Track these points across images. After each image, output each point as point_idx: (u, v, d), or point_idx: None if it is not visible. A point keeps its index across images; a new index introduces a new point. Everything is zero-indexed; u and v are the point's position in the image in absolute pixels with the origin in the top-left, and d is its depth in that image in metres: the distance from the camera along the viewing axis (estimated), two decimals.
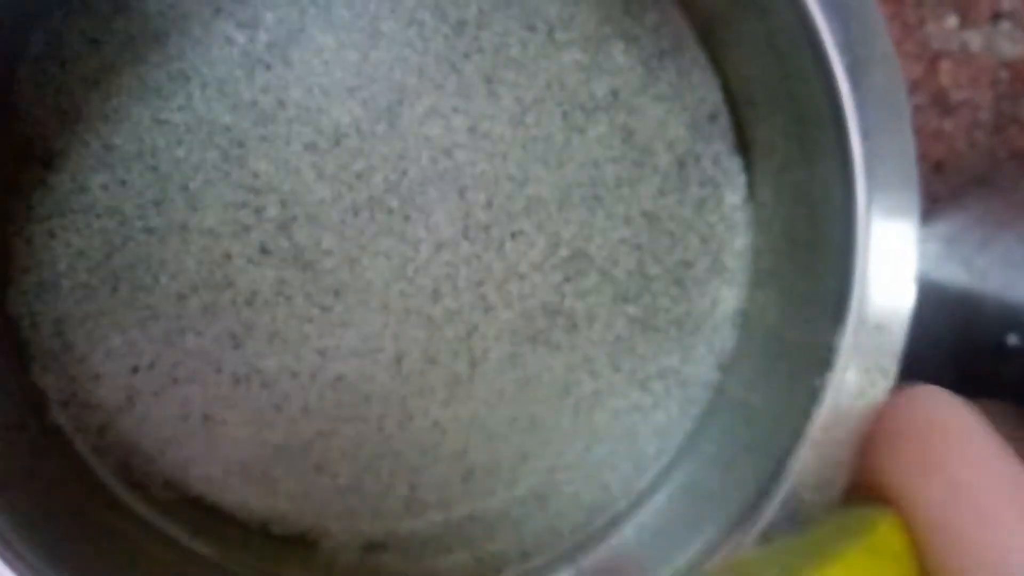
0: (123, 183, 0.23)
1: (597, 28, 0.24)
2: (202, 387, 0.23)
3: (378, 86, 0.24)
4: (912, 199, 0.23)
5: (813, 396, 0.21)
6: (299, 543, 0.24)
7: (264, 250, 0.23)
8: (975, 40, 0.35)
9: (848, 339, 0.21)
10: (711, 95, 0.25)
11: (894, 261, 0.22)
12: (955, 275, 0.35)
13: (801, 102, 0.24)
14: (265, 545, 0.23)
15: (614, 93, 0.25)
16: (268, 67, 0.23)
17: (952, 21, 0.35)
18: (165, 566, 0.22)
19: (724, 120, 0.26)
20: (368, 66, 0.24)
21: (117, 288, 0.23)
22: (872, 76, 0.22)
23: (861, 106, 0.22)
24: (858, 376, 0.21)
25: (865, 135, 0.22)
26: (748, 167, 0.26)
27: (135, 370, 0.23)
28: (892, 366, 0.21)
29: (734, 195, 0.27)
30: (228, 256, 0.23)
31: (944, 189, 0.35)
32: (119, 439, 0.23)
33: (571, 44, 0.24)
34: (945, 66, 0.35)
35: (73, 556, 0.21)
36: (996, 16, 0.34)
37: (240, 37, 0.23)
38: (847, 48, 0.22)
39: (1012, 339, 0.32)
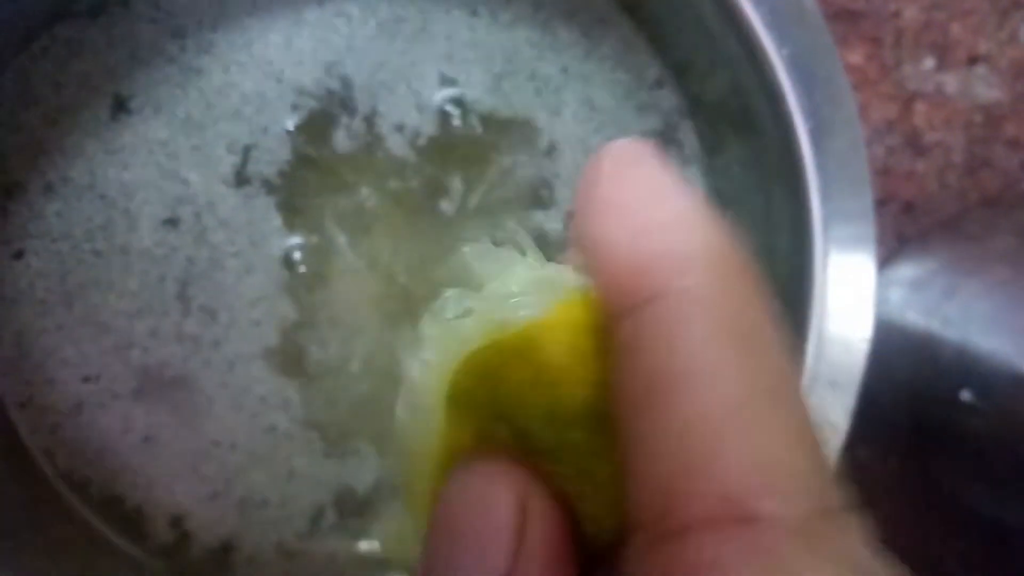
0: (74, 210, 0.24)
1: (535, 11, 0.24)
2: (147, 409, 0.24)
3: (304, 67, 0.23)
4: (869, 262, 0.21)
5: None
6: (217, 549, 0.24)
7: (187, 279, 0.23)
8: (951, 83, 0.32)
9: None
10: (652, 62, 0.24)
11: (849, 320, 0.20)
12: (918, 321, 0.32)
13: (764, 160, 0.23)
14: (185, 548, 0.24)
15: (564, 70, 0.24)
16: (199, 72, 0.23)
17: (929, 63, 0.32)
18: (93, 558, 0.23)
19: (671, 89, 0.25)
20: (292, 50, 0.23)
21: (71, 306, 0.24)
22: (835, 140, 0.20)
23: (822, 170, 0.21)
24: None
25: (826, 198, 0.21)
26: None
27: (86, 380, 0.24)
28: (844, 422, 0.19)
29: None
30: (162, 280, 0.24)
31: (913, 230, 0.33)
32: (67, 441, 0.23)
33: (517, 23, 0.24)
34: (920, 107, 0.32)
35: (15, 544, 0.22)
36: (973, 60, 0.31)
37: (174, 48, 0.23)
38: (811, 113, 0.20)
39: (966, 395, 0.29)
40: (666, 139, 0.25)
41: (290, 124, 0.24)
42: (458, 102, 0.24)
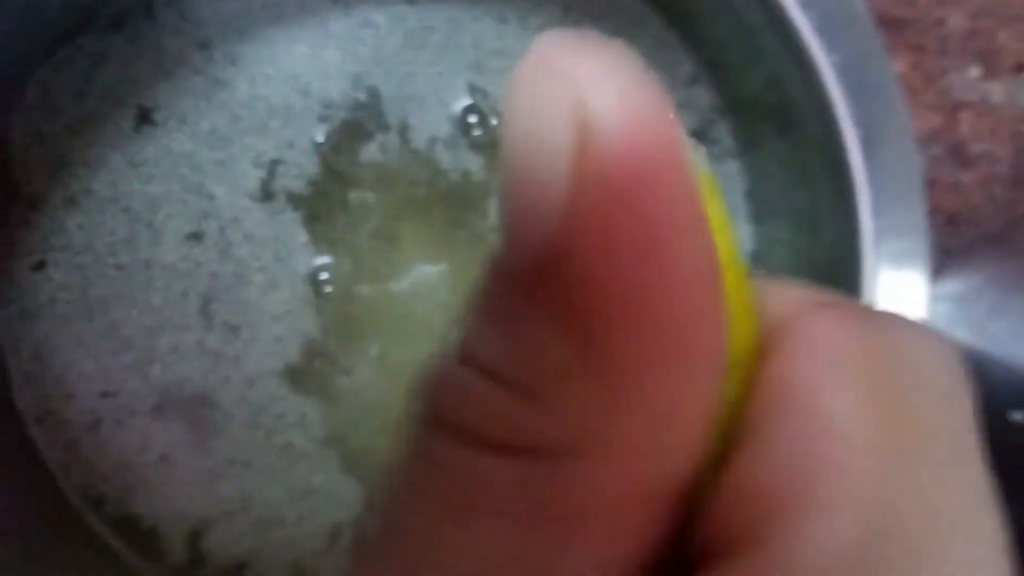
0: (97, 223, 0.23)
1: (564, 14, 0.23)
2: (164, 426, 0.23)
3: (330, 79, 0.23)
4: (921, 279, 0.20)
5: None
6: (232, 569, 0.23)
7: (210, 297, 0.23)
8: (997, 92, 0.30)
9: None
10: (685, 59, 0.23)
11: None
12: (964, 339, 0.31)
13: (805, 157, 0.22)
14: (200, 567, 0.23)
15: None
16: (224, 84, 0.22)
17: (975, 72, 0.30)
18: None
19: (705, 84, 0.24)
20: (319, 62, 0.23)
21: (92, 319, 0.23)
22: (886, 151, 0.19)
23: (873, 181, 0.20)
24: None
25: (876, 212, 0.20)
26: (757, 233, 0.24)
27: (105, 395, 0.23)
28: None
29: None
30: (185, 295, 0.23)
31: (957, 244, 0.31)
32: (84, 456, 0.23)
33: (546, 28, 0.23)
34: (965, 117, 0.31)
35: (31, 559, 0.21)
36: (1020, 68, 0.30)
37: (199, 59, 0.22)
38: (861, 122, 0.19)
39: (1017, 415, 0.28)
40: (701, 137, 0.24)
41: (318, 137, 0.23)
42: (487, 113, 0.23)
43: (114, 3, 0.22)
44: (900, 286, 0.20)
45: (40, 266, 0.22)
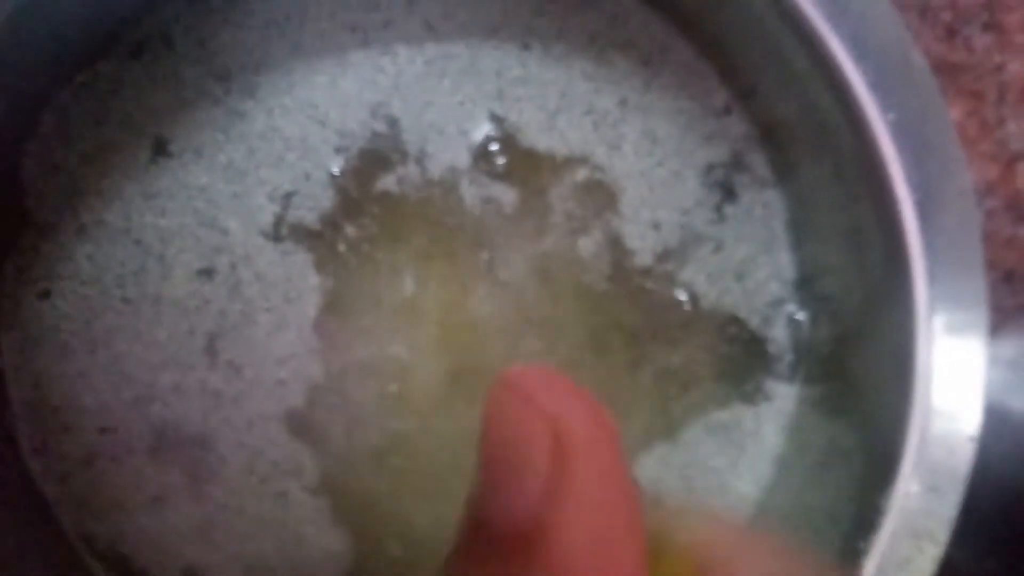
0: (106, 254, 0.22)
1: (589, 42, 0.22)
2: (160, 468, 0.22)
3: (349, 109, 0.22)
4: (979, 351, 0.18)
5: (854, 561, 0.17)
6: None
7: (218, 334, 0.22)
8: None
9: (896, 501, 0.17)
10: (718, 87, 0.22)
11: (954, 416, 0.17)
12: (1020, 406, 0.28)
13: (862, 230, 0.20)
14: None
15: (623, 102, 0.22)
16: (242, 116, 0.22)
17: None
18: None
19: (738, 113, 0.22)
20: (337, 92, 0.22)
21: (95, 352, 0.22)
22: (945, 216, 0.17)
23: (930, 248, 0.18)
24: (906, 542, 0.17)
25: (932, 279, 0.18)
26: (812, 322, 0.23)
27: (102, 431, 0.22)
28: (943, 533, 0.17)
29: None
30: (191, 332, 0.22)
31: (1013, 302, 0.29)
32: (77, 492, 0.22)
33: (570, 55, 0.22)
34: (1023, 169, 0.29)
35: None
36: None
37: (218, 90, 0.22)
38: (919, 185, 0.17)
39: None
40: (735, 167, 0.23)
41: (335, 169, 0.22)
42: (510, 142, 0.22)
43: (133, 30, 0.21)
44: (957, 354, 0.18)
45: (46, 295, 0.22)
